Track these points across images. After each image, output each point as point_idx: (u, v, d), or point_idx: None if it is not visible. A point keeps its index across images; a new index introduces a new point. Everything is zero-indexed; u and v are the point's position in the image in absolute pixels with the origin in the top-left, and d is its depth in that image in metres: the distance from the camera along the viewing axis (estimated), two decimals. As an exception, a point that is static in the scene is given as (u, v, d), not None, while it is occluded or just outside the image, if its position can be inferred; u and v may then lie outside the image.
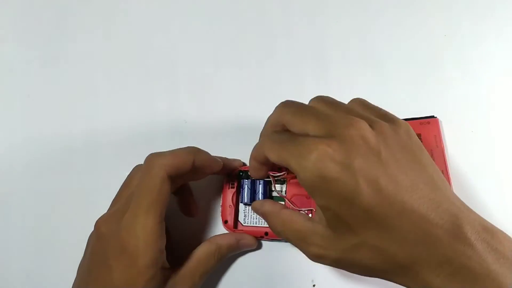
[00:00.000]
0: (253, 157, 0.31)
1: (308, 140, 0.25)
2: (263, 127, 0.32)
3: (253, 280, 0.37)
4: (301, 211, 0.35)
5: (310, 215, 0.35)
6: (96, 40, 0.42)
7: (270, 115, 0.31)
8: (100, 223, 0.31)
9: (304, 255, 0.30)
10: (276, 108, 0.30)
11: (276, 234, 0.31)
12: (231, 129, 0.39)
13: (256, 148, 0.30)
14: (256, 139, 0.38)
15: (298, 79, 0.41)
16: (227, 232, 0.37)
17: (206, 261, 0.34)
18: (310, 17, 0.42)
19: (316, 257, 0.29)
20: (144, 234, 0.29)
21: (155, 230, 0.29)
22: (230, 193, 0.37)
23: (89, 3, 0.43)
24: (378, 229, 0.25)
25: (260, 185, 0.36)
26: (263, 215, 0.33)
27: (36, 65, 0.42)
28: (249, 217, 0.37)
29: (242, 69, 0.41)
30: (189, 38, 0.42)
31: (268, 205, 0.32)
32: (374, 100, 0.37)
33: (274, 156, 0.27)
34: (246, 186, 0.36)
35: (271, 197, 0.37)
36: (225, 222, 0.36)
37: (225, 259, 0.35)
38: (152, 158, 0.31)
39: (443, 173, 0.37)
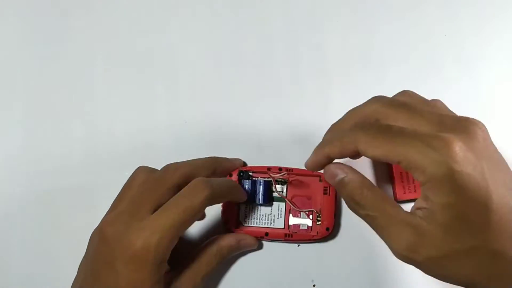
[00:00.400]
0: (329, 153, 0.29)
1: (435, 133, 0.25)
2: (343, 119, 0.30)
3: (253, 280, 0.37)
4: (302, 212, 0.35)
5: (311, 216, 0.35)
6: (96, 40, 0.42)
7: (359, 106, 0.30)
8: (105, 225, 0.30)
9: (383, 242, 0.27)
10: (369, 100, 0.30)
11: (357, 207, 0.28)
12: (231, 129, 0.39)
13: (340, 141, 0.28)
14: (255, 139, 0.38)
15: (298, 79, 0.41)
16: (227, 232, 0.36)
17: (207, 262, 0.33)
18: (310, 17, 0.42)
19: (407, 249, 0.26)
20: (158, 245, 0.28)
21: (170, 246, 0.29)
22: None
23: (88, 4, 0.43)
24: (501, 232, 0.24)
25: (261, 186, 0.36)
26: (346, 184, 0.29)
27: (36, 65, 0.42)
28: (250, 217, 0.36)
29: (242, 69, 0.41)
30: (189, 38, 0.42)
31: (355, 174, 0.29)
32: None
33: (379, 152, 0.26)
34: (246, 187, 0.36)
35: (272, 198, 0.37)
36: (226, 221, 0.36)
37: (226, 259, 0.35)
38: (202, 183, 0.30)
39: None
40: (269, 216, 0.36)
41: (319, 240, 0.36)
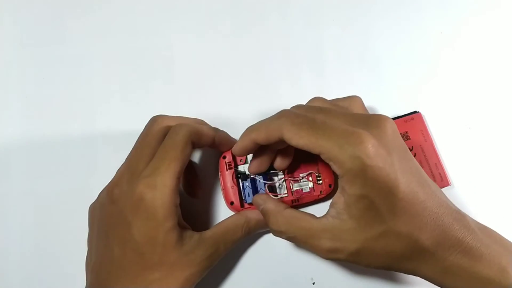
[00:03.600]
0: (255, 138, 0.30)
1: (352, 129, 0.27)
2: (254, 129, 0.31)
3: (253, 278, 0.37)
4: (302, 179, 0.36)
5: (310, 178, 0.36)
6: (95, 40, 0.42)
7: (265, 122, 0.31)
8: (110, 188, 0.32)
9: (310, 252, 0.30)
10: (274, 116, 0.31)
11: (277, 234, 0.32)
12: (229, 129, 0.39)
13: (266, 128, 0.30)
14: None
15: (296, 78, 0.41)
16: (234, 213, 0.36)
17: (233, 231, 0.33)
18: (307, 16, 0.42)
19: (330, 252, 0.29)
20: (163, 187, 0.29)
21: (173, 185, 0.30)
22: (229, 174, 0.36)
23: (87, 4, 0.43)
24: (405, 216, 0.27)
25: (261, 182, 0.35)
26: (265, 213, 0.32)
27: (35, 66, 0.42)
28: (252, 195, 0.36)
29: (240, 68, 0.41)
30: (187, 38, 0.42)
31: (271, 203, 0.32)
32: (372, 98, 0.37)
33: (302, 142, 0.28)
34: (247, 186, 0.36)
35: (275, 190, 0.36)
36: (231, 203, 0.36)
37: (252, 234, 0.35)
38: (180, 124, 0.32)
39: (436, 166, 0.37)
40: (272, 189, 0.36)
41: (325, 198, 0.36)
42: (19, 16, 0.43)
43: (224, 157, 0.36)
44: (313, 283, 0.37)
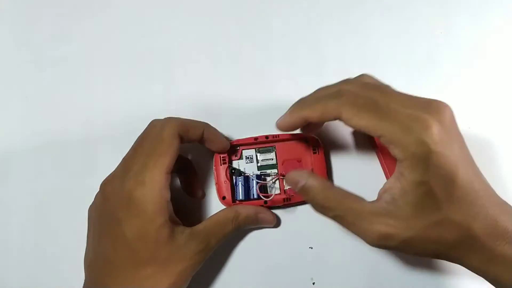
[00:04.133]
0: (307, 115, 0.30)
1: (417, 113, 0.26)
2: (307, 104, 0.30)
3: (253, 277, 0.37)
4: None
5: None
6: (95, 40, 0.42)
7: (331, 85, 0.31)
8: (104, 186, 0.32)
9: (355, 236, 0.29)
10: (341, 82, 0.31)
11: (323, 210, 0.30)
12: (227, 126, 0.39)
13: (323, 105, 0.29)
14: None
15: (296, 79, 0.41)
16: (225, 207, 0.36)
17: (223, 224, 0.33)
18: (306, 15, 0.43)
19: (381, 238, 0.28)
20: (151, 182, 0.29)
21: (162, 180, 0.30)
22: (223, 169, 0.36)
23: (86, 4, 0.43)
24: (461, 204, 0.27)
25: (254, 181, 0.36)
26: (308, 189, 0.30)
27: (35, 66, 0.42)
28: (244, 193, 0.36)
29: (238, 67, 0.41)
30: (186, 35, 0.42)
31: (316, 179, 0.30)
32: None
33: (362, 122, 0.27)
34: (240, 183, 0.36)
35: (266, 190, 0.37)
36: (223, 198, 0.36)
37: (242, 228, 0.35)
38: (166, 118, 0.33)
39: None
40: (263, 189, 0.36)
41: (292, 206, 0.37)
42: (19, 16, 0.43)
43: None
44: (313, 283, 0.37)
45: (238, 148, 0.37)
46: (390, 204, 0.28)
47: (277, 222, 0.38)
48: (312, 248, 0.38)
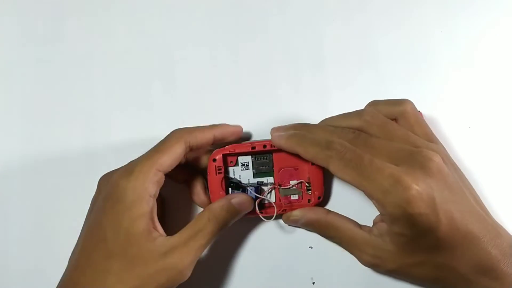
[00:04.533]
0: (299, 152, 0.32)
1: (396, 174, 0.27)
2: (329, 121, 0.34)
3: (253, 277, 0.37)
4: (292, 188, 0.36)
5: (300, 186, 0.36)
6: (95, 40, 0.42)
7: (352, 113, 0.34)
8: (100, 178, 0.33)
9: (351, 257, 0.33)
10: (364, 110, 0.34)
11: (327, 237, 0.35)
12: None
13: (314, 153, 0.31)
14: (253, 140, 0.38)
15: (296, 79, 0.41)
16: None
17: (200, 225, 0.31)
18: (306, 15, 0.42)
19: (370, 265, 0.32)
20: (138, 172, 0.30)
21: (149, 172, 0.30)
22: (217, 179, 0.34)
23: (87, 4, 0.43)
24: (445, 250, 0.29)
25: (252, 194, 0.35)
26: (307, 224, 0.34)
27: (35, 66, 0.42)
28: None
29: (239, 69, 0.41)
30: (186, 38, 0.42)
31: (311, 212, 0.34)
32: (371, 98, 0.37)
33: (347, 177, 0.29)
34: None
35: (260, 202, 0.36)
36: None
37: (223, 225, 0.32)
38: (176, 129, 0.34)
39: None
40: (260, 205, 0.35)
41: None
42: (19, 16, 0.43)
43: (214, 160, 0.35)
44: (313, 283, 0.37)
45: (235, 155, 0.35)
46: (378, 238, 0.31)
47: (274, 220, 0.37)
48: (312, 248, 0.38)
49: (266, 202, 0.36)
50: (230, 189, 0.35)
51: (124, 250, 0.29)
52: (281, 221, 0.38)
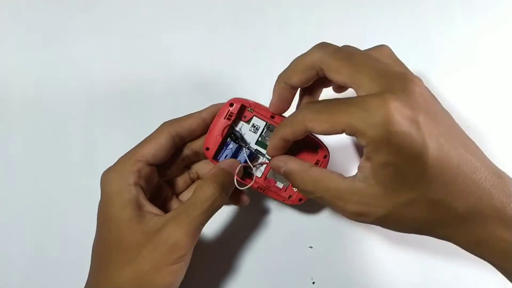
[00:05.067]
0: (283, 135, 0.29)
1: (373, 97, 0.25)
2: (289, 68, 0.30)
3: (253, 277, 0.37)
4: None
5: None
6: (95, 40, 0.42)
7: (304, 54, 0.29)
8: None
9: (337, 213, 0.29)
10: (314, 47, 0.29)
11: (305, 193, 0.30)
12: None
13: (291, 124, 0.29)
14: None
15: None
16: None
17: (194, 197, 0.30)
18: (305, 14, 0.43)
19: (356, 215, 0.28)
20: (118, 165, 0.31)
21: (129, 164, 0.31)
22: (223, 123, 0.33)
23: (87, 5, 0.43)
24: (436, 183, 0.25)
25: (244, 154, 0.34)
26: (288, 174, 0.30)
27: (35, 66, 0.42)
28: (229, 158, 0.34)
29: (239, 69, 0.41)
30: (186, 37, 0.42)
31: (294, 163, 0.30)
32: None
33: (325, 126, 0.26)
34: (230, 147, 0.34)
35: (249, 174, 0.34)
36: (207, 149, 0.33)
37: (222, 187, 0.31)
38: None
39: None
40: (245, 172, 0.34)
41: (288, 204, 0.35)
42: (19, 16, 0.43)
43: (232, 105, 0.33)
44: (313, 283, 0.37)
45: (252, 111, 0.34)
46: (362, 183, 0.27)
47: (276, 225, 0.37)
48: (312, 248, 0.38)
49: (251, 173, 0.34)
50: (228, 139, 0.34)
51: (119, 239, 0.29)
52: (281, 220, 0.38)
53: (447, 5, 0.42)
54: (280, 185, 0.34)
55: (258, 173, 0.34)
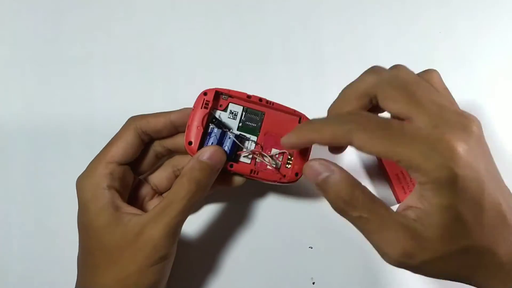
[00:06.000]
0: (315, 139, 0.27)
1: (437, 134, 0.24)
2: (340, 98, 0.28)
3: (253, 277, 0.37)
4: (273, 157, 0.33)
5: (281, 157, 0.33)
6: (95, 40, 0.42)
7: (356, 81, 0.28)
8: None
9: (373, 246, 0.26)
10: (366, 73, 0.28)
11: (346, 208, 0.26)
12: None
13: (332, 131, 0.26)
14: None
15: (295, 79, 0.41)
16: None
17: (172, 195, 0.29)
18: (305, 15, 0.43)
19: (401, 255, 0.25)
20: (89, 171, 0.31)
21: (99, 168, 0.31)
22: (201, 113, 0.32)
23: (85, 5, 0.43)
24: (488, 228, 0.25)
25: (229, 139, 0.32)
26: (330, 183, 0.26)
27: (35, 66, 0.42)
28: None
29: (239, 69, 0.41)
30: (186, 39, 0.42)
31: (341, 172, 0.26)
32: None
33: (376, 149, 0.24)
34: (213, 135, 0.32)
35: (236, 157, 0.33)
36: (189, 143, 0.32)
37: (199, 185, 0.29)
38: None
39: None
40: (234, 155, 0.33)
41: (284, 183, 0.33)
42: (19, 16, 0.43)
43: (205, 94, 0.32)
44: (313, 283, 0.37)
45: (227, 98, 0.33)
46: (417, 222, 0.25)
47: (275, 223, 0.37)
48: (312, 248, 0.38)
49: (240, 159, 0.33)
50: (209, 126, 0.32)
51: (100, 244, 0.29)
52: (280, 220, 0.38)
53: (447, 5, 0.42)
54: (272, 166, 0.33)
55: (246, 160, 0.33)
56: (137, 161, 0.33)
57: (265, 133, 0.33)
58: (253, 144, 0.33)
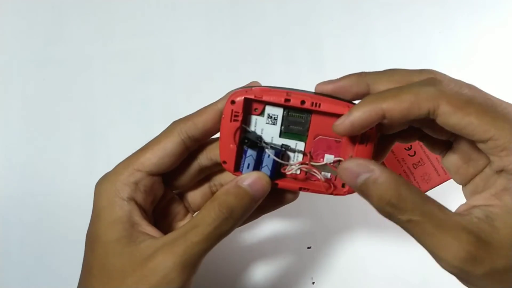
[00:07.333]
0: (386, 108, 0.22)
1: None
2: (389, 94, 0.22)
3: (253, 277, 0.37)
4: (325, 165, 0.27)
5: (337, 165, 0.26)
6: (95, 40, 0.42)
7: (410, 87, 0.23)
8: None
9: (426, 251, 0.22)
10: (424, 83, 0.23)
11: (392, 210, 0.22)
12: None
13: (412, 96, 0.21)
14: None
15: (295, 79, 0.41)
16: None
17: (198, 219, 0.25)
18: (305, 15, 0.43)
19: (468, 260, 0.21)
20: (112, 175, 0.26)
21: (125, 174, 0.26)
22: (231, 127, 0.26)
23: (85, 6, 0.43)
24: None
25: (268, 158, 0.26)
26: (373, 185, 0.22)
27: (35, 66, 0.42)
28: (252, 166, 0.27)
29: (239, 68, 0.42)
30: (186, 38, 0.42)
31: (384, 171, 0.22)
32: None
33: (467, 119, 0.21)
34: (250, 156, 0.27)
35: (280, 172, 0.27)
36: (224, 162, 0.27)
37: (232, 213, 0.25)
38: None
39: (437, 161, 0.37)
40: (277, 173, 0.27)
41: (340, 195, 0.27)
42: (19, 16, 0.43)
43: (233, 102, 0.26)
44: (313, 283, 0.37)
45: (261, 102, 0.26)
46: (483, 222, 0.21)
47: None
48: (311, 248, 0.37)
49: (288, 172, 0.27)
50: (244, 146, 0.26)
51: (101, 262, 0.25)
52: (280, 220, 0.38)
53: (447, 5, 0.42)
54: (325, 176, 0.27)
55: (293, 172, 0.27)
56: (174, 173, 0.28)
57: (315, 137, 0.27)
58: (300, 155, 0.27)
